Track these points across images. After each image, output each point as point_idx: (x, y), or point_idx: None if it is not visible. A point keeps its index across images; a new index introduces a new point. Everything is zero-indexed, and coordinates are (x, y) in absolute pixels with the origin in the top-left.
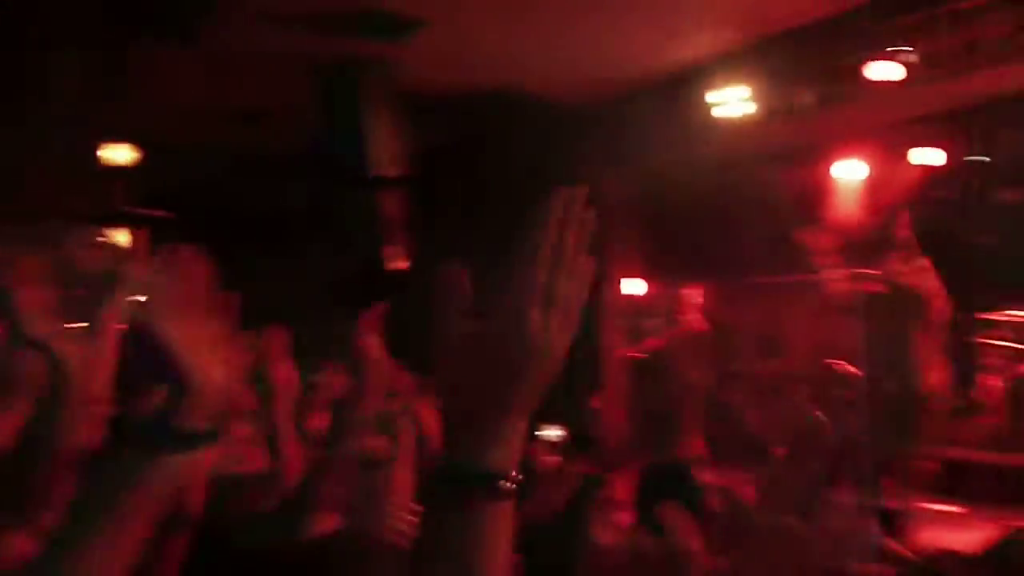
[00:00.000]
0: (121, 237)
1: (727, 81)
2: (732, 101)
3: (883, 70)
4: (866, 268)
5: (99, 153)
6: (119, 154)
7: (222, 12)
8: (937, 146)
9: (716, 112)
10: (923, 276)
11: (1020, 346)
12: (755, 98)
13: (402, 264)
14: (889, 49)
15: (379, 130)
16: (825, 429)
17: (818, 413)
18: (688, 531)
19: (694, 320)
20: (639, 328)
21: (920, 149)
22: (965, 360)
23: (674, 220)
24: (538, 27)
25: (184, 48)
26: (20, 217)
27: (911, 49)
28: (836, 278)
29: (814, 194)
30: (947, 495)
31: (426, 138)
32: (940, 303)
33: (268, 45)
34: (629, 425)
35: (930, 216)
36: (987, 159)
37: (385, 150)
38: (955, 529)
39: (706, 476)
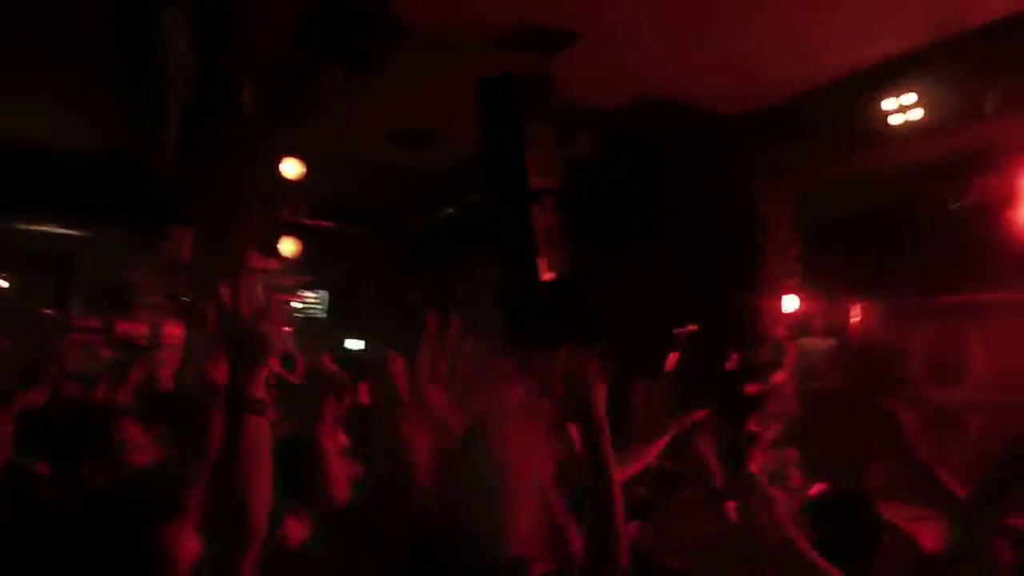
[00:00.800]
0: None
1: (894, 88)
2: (900, 108)
3: None
4: None
5: (276, 168)
6: (289, 168)
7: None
8: None
9: (883, 121)
10: None
11: None
12: (924, 104)
13: (552, 275)
14: None
15: (537, 141)
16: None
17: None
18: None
19: (844, 337)
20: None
21: None
22: None
23: (840, 233)
24: (695, 35)
25: (366, 75)
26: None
27: None
28: None
29: (999, 207)
30: None
31: (582, 150)
32: None
33: (427, 63)
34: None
35: None
36: None
37: (542, 162)
38: None
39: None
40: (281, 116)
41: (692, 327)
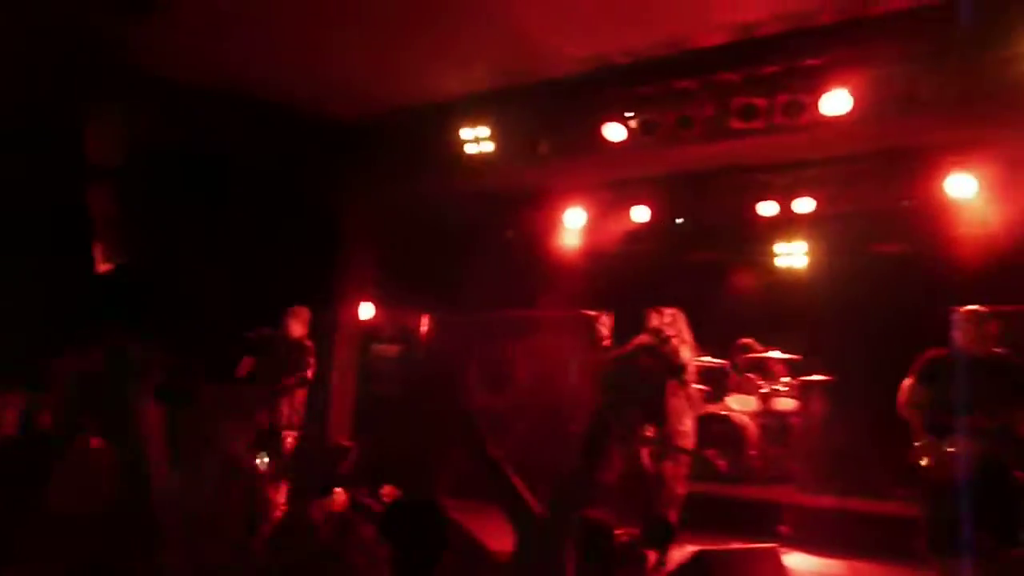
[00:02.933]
0: None
1: (472, 120)
2: (475, 139)
3: (612, 132)
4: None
5: None
6: None
7: None
8: (645, 205)
9: (460, 147)
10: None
11: (705, 388)
12: (496, 139)
13: (108, 266)
14: (620, 114)
15: (99, 115)
16: None
17: None
18: None
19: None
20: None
21: (634, 206)
22: None
23: (413, 248)
24: (292, 36)
25: None
26: None
27: (633, 116)
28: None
29: (545, 236)
30: None
31: (160, 134)
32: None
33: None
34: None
35: (629, 267)
36: (681, 221)
37: (103, 138)
38: None
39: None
40: None
41: (267, 331)
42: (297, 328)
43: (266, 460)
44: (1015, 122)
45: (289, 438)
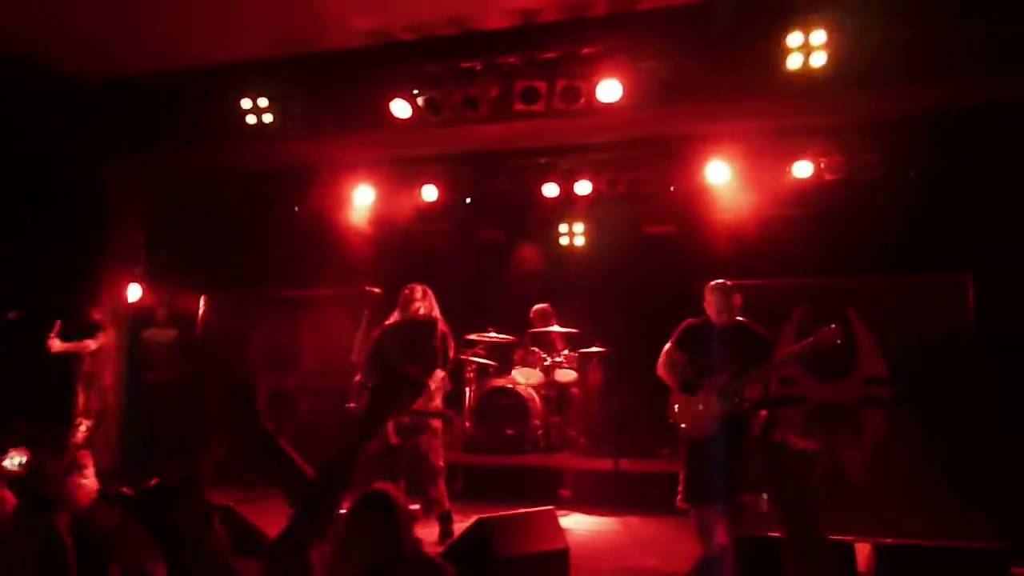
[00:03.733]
0: None
1: (253, 89)
2: (255, 110)
3: (398, 108)
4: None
5: None
6: None
7: None
8: (433, 184)
9: (240, 118)
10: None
11: (492, 363)
12: (278, 111)
13: None
14: (406, 91)
15: None
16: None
17: None
18: None
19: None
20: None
21: (423, 185)
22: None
23: (190, 225)
24: None
25: None
26: None
27: (419, 94)
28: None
29: (331, 214)
30: None
31: None
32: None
33: None
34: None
35: (421, 245)
36: (469, 200)
37: None
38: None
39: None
40: None
41: (14, 313)
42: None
43: None
44: (763, 115)
45: (83, 426)
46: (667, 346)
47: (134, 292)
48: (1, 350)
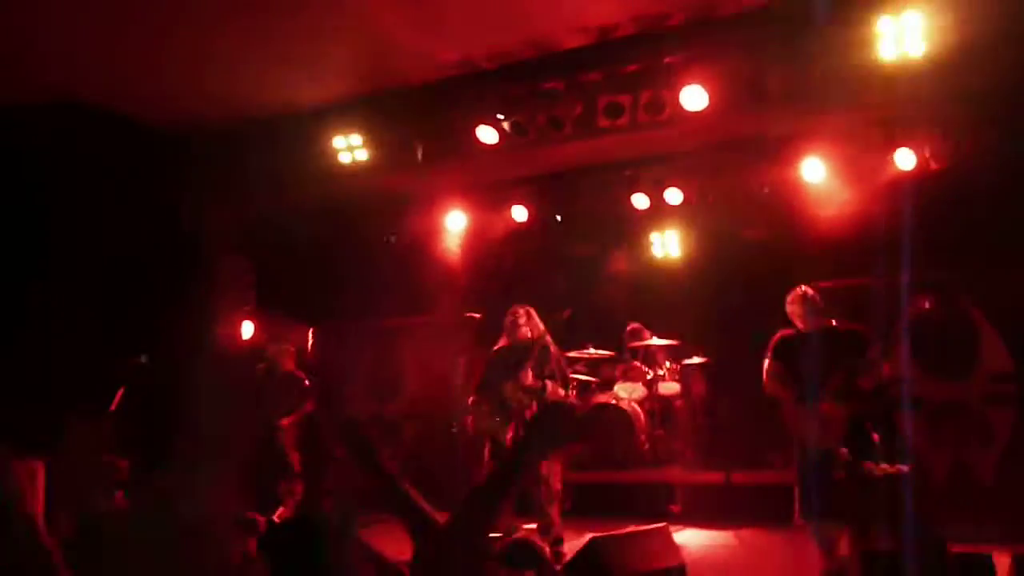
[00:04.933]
0: None
1: (344, 128)
2: (348, 148)
3: (484, 134)
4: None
5: None
6: None
7: None
8: (524, 205)
9: (333, 157)
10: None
11: (593, 379)
12: (370, 147)
13: None
14: (491, 116)
15: None
16: None
17: None
18: None
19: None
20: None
21: (513, 206)
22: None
23: (292, 261)
24: (126, 36)
25: None
26: None
27: (504, 118)
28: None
29: (425, 241)
30: None
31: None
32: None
33: None
34: None
35: (515, 266)
36: (560, 218)
37: None
38: None
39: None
40: None
41: (139, 358)
42: (288, 362)
43: None
44: (855, 109)
45: None
46: (766, 363)
47: (247, 328)
48: (131, 393)
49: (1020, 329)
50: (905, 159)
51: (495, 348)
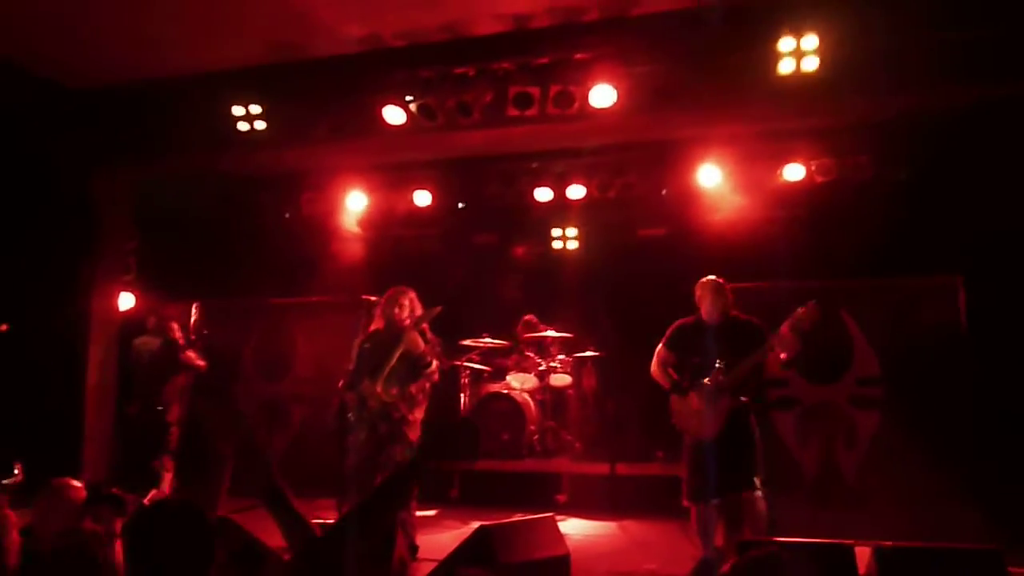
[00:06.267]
0: None
1: (244, 96)
2: (247, 116)
3: (391, 114)
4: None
5: None
6: None
7: None
8: (427, 189)
9: (231, 125)
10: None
11: (486, 368)
12: (270, 118)
13: None
14: (399, 97)
15: None
16: None
17: None
18: None
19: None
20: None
21: (416, 190)
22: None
23: (181, 231)
24: None
25: None
26: None
27: (413, 100)
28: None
29: (323, 220)
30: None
31: None
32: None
33: None
34: None
35: (415, 251)
36: (462, 205)
37: None
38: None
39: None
40: None
41: (2, 326)
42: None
43: None
44: (754, 119)
45: None
46: (659, 348)
47: (126, 300)
48: None
49: (886, 337)
50: (794, 171)
51: (368, 331)
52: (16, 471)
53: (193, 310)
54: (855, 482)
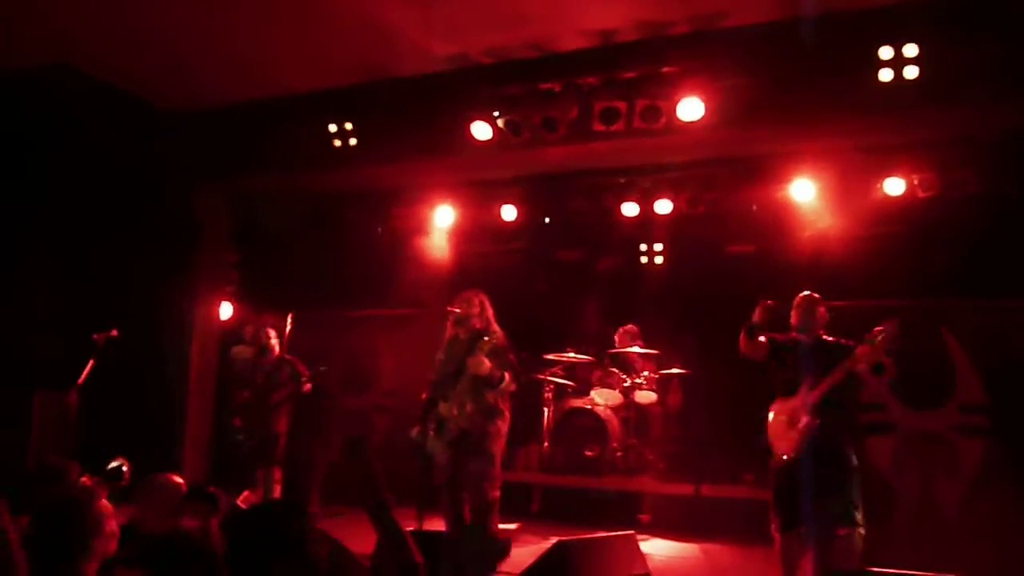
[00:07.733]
0: None
1: (338, 114)
2: (340, 134)
3: (478, 130)
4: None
5: None
6: None
7: None
8: (513, 204)
9: (326, 142)
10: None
11: (570, 383)
12: (362, 134)
13: None
14: (486, 113)
15: None
16: None
17: None
18: None
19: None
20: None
21: (502, 205)
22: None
23: (276, 244)
24: (131, 13)
25: None
26: None
27: (499, 116)
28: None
29: (412, 235)
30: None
31: None
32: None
33: None
34: None
35: (500, 265)
36: (548, 220)
37: None
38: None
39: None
40: None
41: (112, 332)
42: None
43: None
44: (851, 132)
45: None
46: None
47: (226, 310)
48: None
49: (994, 362)
50: (894, 186)
51: (445, 339)
52: (123, 468)
53: (288, 320)
54: (955, 516)
